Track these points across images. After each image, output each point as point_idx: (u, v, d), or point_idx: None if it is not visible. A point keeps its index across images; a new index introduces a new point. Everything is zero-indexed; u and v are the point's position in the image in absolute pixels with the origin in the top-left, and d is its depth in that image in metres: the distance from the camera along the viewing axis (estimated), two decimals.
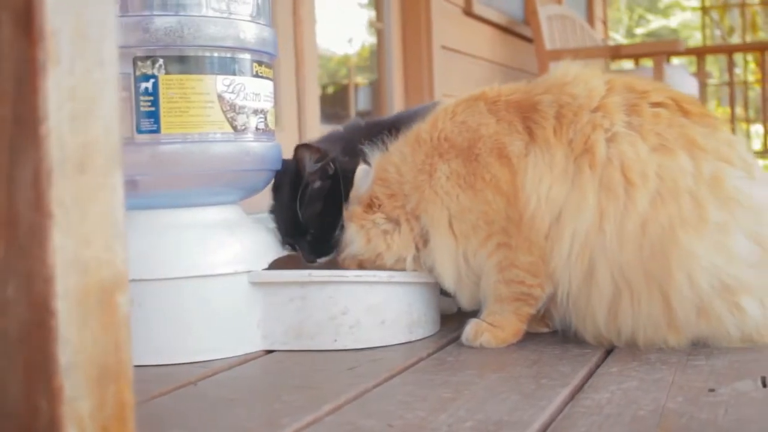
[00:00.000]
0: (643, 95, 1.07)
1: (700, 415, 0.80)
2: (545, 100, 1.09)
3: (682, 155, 1.03)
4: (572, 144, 1.05)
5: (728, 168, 1.03)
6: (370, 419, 0.82)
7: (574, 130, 1.05)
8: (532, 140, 1.07)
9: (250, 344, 1.12)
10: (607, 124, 1.05)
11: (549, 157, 1.05)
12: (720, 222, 1.00)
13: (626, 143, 1.03)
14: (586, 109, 1.06)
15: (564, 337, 1.12)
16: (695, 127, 1.05)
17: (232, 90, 1.10)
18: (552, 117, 1.07)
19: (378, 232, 1.13)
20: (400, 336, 1.15)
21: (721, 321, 1.02)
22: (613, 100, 1.07)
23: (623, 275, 1.01)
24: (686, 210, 1.00)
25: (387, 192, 1.14)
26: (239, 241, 1.13)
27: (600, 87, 1.09)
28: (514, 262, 1.06)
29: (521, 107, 1.10)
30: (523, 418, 0.81)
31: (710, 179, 1.02)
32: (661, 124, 1.05)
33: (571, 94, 1.08)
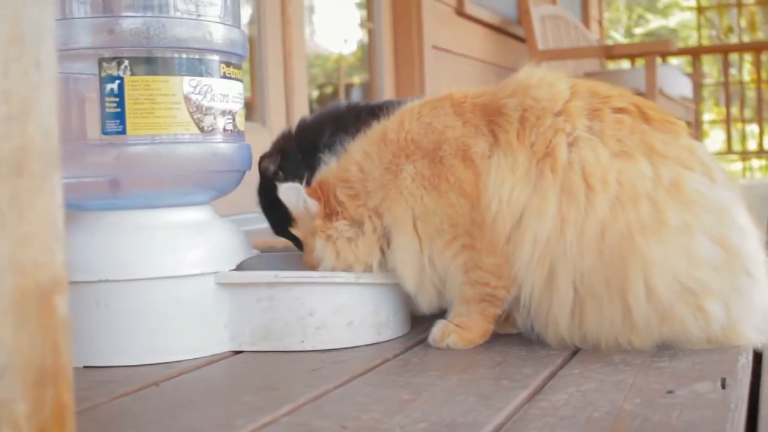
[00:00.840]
0: (606, 100, 1.07)
1: (654, 417, 0.80)
2: (510, 103, 1.09)
3: (642, 161, 1.02)
4: (534, 147, 1.05)
5: (688, 173, 1.03)
6: (325, 420, 0.82)
7: (537, 133, 1.05)
8: (495, 143, 1.07)
9: (217, 345, 1.12)
10: (568, 129, 1.05)
11: (511, 159, 1.05)
12: (681, 225, 1.00)
13: (587, 148, 1.03)
14: (549, 113, 1.06)
15: (531, 338, 1.12)
16: (656, 134, 1.05)
17: (198, 91, 1.10)
18: (516, 120, 1.07)
19: (344, 241, 1.13)
20: (368, 337, 1.15)
21: (684, 325, 1.02)
22: (576, 104, 1.07)
23: (584, 282, 1.01)
24: (645, 215, 1.00)
25: (349, 192, 1.13)
26: (207, 241, 1.13)
27: (564, 91, 1.09)
28: (478, 263, 1.06)
29: (487, 110, 1.10)
30: (478, 419, 0.81)
31: (669, 184, 1.02)
32: (623, 130, 1.04)
33: (534, 97, 1.08)
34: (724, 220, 1.02)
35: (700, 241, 1.00)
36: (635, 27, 14.05)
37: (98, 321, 1.08)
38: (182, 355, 1.10)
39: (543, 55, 4.23)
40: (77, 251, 1.09)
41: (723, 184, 1.05)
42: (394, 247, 1.11)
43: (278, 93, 2.93)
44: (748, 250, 1.04)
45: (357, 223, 1.13)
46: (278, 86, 2.92)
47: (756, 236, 1.08)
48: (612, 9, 14.17)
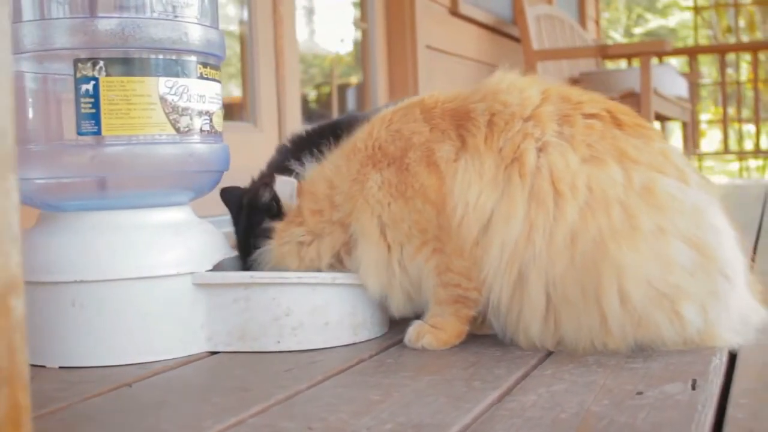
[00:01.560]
0: (577, 106, 1.07)
1: (620, 419, 0.80)
2: (478, 108, 1.09)
3: (613, 166, 1.02)
4: (502, 152, 1.04)
5: (661, 177, 1.02)
6: (291, 421, 0.82)
7: (505, 138, 1.05)
8: (463, 147, 1.07)
9: (194, 346, 1.12)
10: (537, 134, 1.05)
11: (479, 164, 1.05)
12: (654, 230, 1.00)
13: (556, 153, 1.03)
14: (518, 118, 1.06)
15: (505, 340, 1.12)
16: (628, 139, 1.05)
17: (174, 92, 1.10)
18: (483, 125, 1.07)
19: (292, 245, 1.14)
20: (345, 338, 1.15)
21: (660, 330, 1.02)
22: (546, 109, 1.07)
23: (557, 288, 1.01)
24: (617, 221, 0.99)
25: (313, 207, 1.15)
26: (183, 242, 1.13)
27: (534, 96, 1.08)
28: (449, 266, 1.06)
29: (456, 115, 1.10)
30: (445, 420, 0.81)
31: (642, 189, 1.01)
32: (594, 135, 1.04)
33: (503, 102, 1.08)
34: (698, 222, 1.02)
35: (675, 245, 1.00)
36: (634, 27, 14.04)
37: (74, 321, 1.08)
38: (158, 355, 1.10)
39: (538, 55, 4.23)
40: (53, 251, 1.09)
41: (697, 187, 1.05)
42: (357, 254, 1.12)
43: (270, 93, 2.92)
44: (724, 252, 1.04)
45: (314, 234, 1.14)
46: (270, 86, 2.92)
47: (733, 237, 1.07)
48: (611, 9, 14.16)
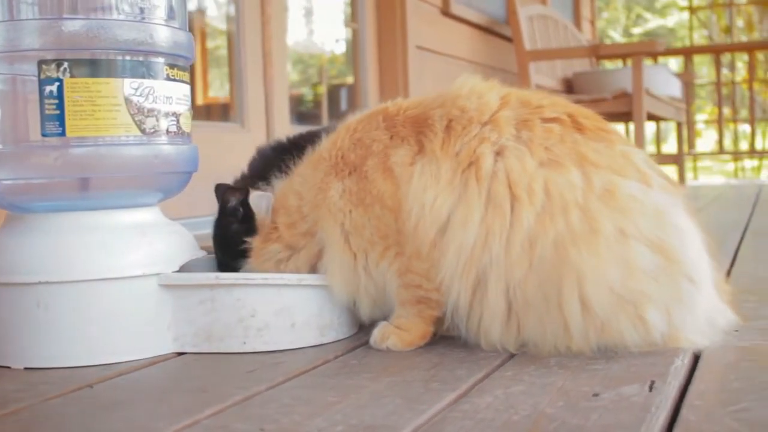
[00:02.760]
0: (536, 110, 1.07)
1: (572, 421, 0.80)
2: (436, 113, 1.09)
3: (572, 170, 1.02)
4: (459, 156, 1.04)
5: (622, 180, 1.02)
6: (245, 423, 0.83)
7: (462, 142, 1.05)
8: (420, 152, 1.07)
9: (160, 346, 1.12)
10: (494, 138, 1.05)
11: (435, 168, 1.05)
12: (615, 233, 0.99)
13: (513, 157, 1.03)
14: (475, 123, 1.06)
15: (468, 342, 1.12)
16: (588, 143, 1.04)
17: (140, 93, 1.10)
18: (441, 130, 1.07)
19: (271, 264, 1.16)
20: (311, 339, 1.15)
21: (623, 335, 1.01)
22: (504, 114, 1.07)
23: (517, 294, 1.01)
24: (576, 225, 0.99)
25: (287, 221, 1.16)
26: (150, 243, 1.13)
27: (493, 101, 1.08)
28: (410, 267, 1.07)
29: (416, 121, 1.10)
30: (397, 422, 0.81)
31: (602, 192, 1.01)
32: (552, 139, 1.04)
33: (461, 107, 1.08)
34: (661, 224, 1.02)
35: (637, 248, 1.00)
36: (633, 27, 14.04)
37: (39, 322, 1.08)
38: (124, 356, 1.10)
39: (530, 55, 4.23)
40: (18, 252, 1.09)
41: (660, 189, 1.05)
42: (324, 261, 1.13)
43: (257, 93, 2.93)
44: (688, 254, 1.03)
45: (291, 248, 1.15)
46: (257, 86, 2.92)
47: (698, 239, 1.07)
48: (610, 9, 14.17)
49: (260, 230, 1.19)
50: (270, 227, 1.17)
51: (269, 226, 1.17)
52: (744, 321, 1.19)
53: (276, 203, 1.18)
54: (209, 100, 3.66)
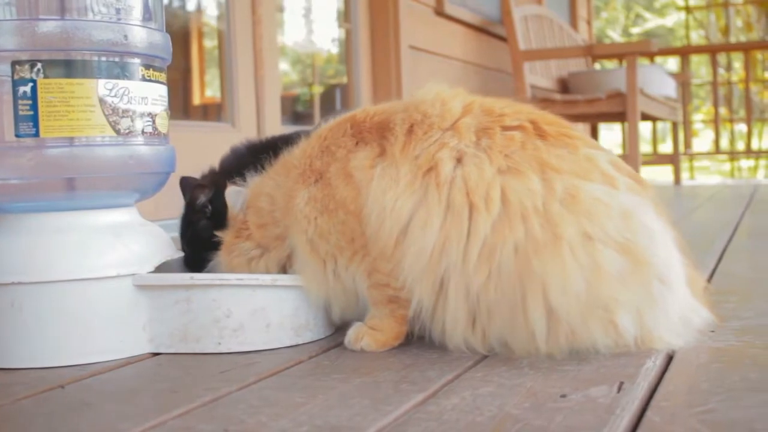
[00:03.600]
0: (498, 118, 1.07)
1: (535, 422, 0.80)
2: (398, 118, 1.09)
3: (532, 177, 1.01)
4: (418, 160, 1.05)
5: (586, 184, 1.02)
6: (210, 424, 0.83)
7: (422, 147, 1.05)
8: (381, 155, 1.08)
9: (136, 347, 1.12)
10: (453, 144, 1.05)
11: (394, 171, 1.05)
12: (579, 237, 0.99)
13: (472, 164, 1.03)
14: (437, 128, 1.07)
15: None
16: (550, 149, 1.04)
17: (114, 94, 1.10)
18: (402, 134, 1.07)
19: (243, 260, 1.16)
20: (287, 339, 1.15)
21: (595, 340, 1.01)
22: (466, 121, 1.07)
23: (480, 302, 1.01)
24: (537, 232, 0.99)
25: (258, 222, 1.16)
26: (125, 244, 1.13)
27: (456, 108, 1.09)
28: (377, 268, 1.07)
29: (381, 127, 1.10)
30: (361, 423, 0.81)
31: (565, 197, 1.00)
32: (512, 147, 1.04)
33: (424, 112, 1.09)
34: (629, 225, 1.01)
35: (604, 251, 0.99)
36: (632, 26, 14.04)
37: (13, 323, 1.08)
38: (100, 356, 1.10)
39: (524, 55, 4.23)
40: None
41: (628, 190, 1.05)
42: (296, 267, 1.14)
43: (248, 93, 2.93)
44: (658, 254, 1.03)
45: (262, 247, 1.15)
46: (248, 86, 2.92)
47: (668, 239, 1.07)
48: (610, 8, 14.16)
49: (232, 225, 1.19)
50: (242, 223, 1.17)
51: (241, 222, 1.17)
52: (721, 321, 1.19)
53: (248, 200, 1.18)
54: (206, 100, 3.67)
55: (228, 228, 1.19)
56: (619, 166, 1.08)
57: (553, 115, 1.13)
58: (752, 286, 1.55)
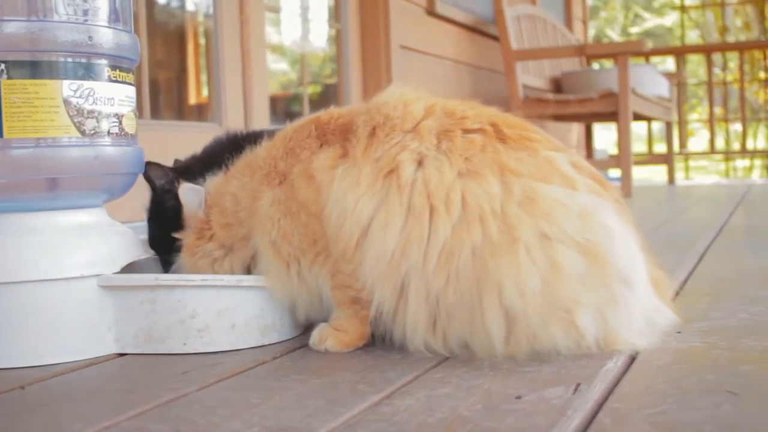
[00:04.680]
0: (459, 121, 1.07)
1: (485, 423, 0.80)
2: (360, 120, 1.10)
3: (491, 180, 1.01)
4: (379, 162, 1.05)
5: (545, 186, 1.02)
6: (163, 425, 0.83)
7: (383, 149, 1.05)
8: (342, 156, 1.08)
9: (101, 347, 1.13)
10: (414, 146, 1.05)
11: (355, 172, 1.05)
12: (537, 239, 0.99)
13: (432, 167, 1.03)
14: (398, 131, 1.07)
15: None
16: (510, 152, 1.04)
17: (79, 95, 1.10)
18: (365, 136, 1.07)
19: (207, 261, 1.16)
20: (252, 340, 1.15)
21: (555, 342, 1.01)
22: (427, 123, 1.07)
23: (440, 305, 1.01)
24: (494, 235, 0.99)
25: (223, 221, 1.16)
26: (90, 244, 1.13)
27: (418, 111, 1.09)
28: (339, 269, 1.07)
29: (344, 129, 1.11)
30: (312, 424, 0.81)
31: (523, 199, 1.00)
32: (473, 150, 1.04)
33: (386, 115, 1.09)
34: (588, 226, 1.01)
35: (563, 252, 0.99)
36: (631, 26, 14.03)
37: None
38: (66, 357, 1.10)
39: (516, 54, 4.23)
40: None
41: (588, 191, 1.04)
42: (260, 269, 1.14)
43: (236, 93, 2.93)
44: (619, 254, 1.03)
45: (226, 248, 1.15)
46: (236, 86, 2.93)
47: (630, 239, 1.06)
48: (609, 8, 14.15)
49: (191, 225, 1.18)
50: (203, 222, 1.17)
51: (202, 221, 1.17)
52: (687, 321, 1.20)
53: (211, 200, 1.18)
54: (202, 100, 3.66)
55: (186, 228, 1.19)
56: (580, 167, 1.08)
57: (515, 117, 1.13)
58: (726, 286, 1.56)
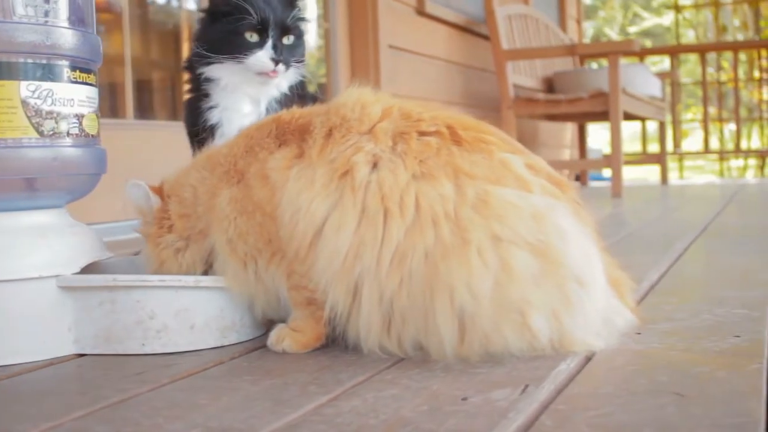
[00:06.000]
0: (415, 123, 1.07)
1: (426, 425, 0.80)
2: (317, 121, 1.10)
3: (444, 183, 1.01)
4: (334, 163, 1.05)
5: (498, 188, 1.02)
6: (106, 426, 0.83)
7: (338, 150, 1.05)
8: (298, 156, 1.08)
9: (61, 348, 1.13)
10: (369, 148, 1.05)
11: (310, 172, 1.05)
12: (490, 242, 0.98)
13: (387, 170, 1.03)
14: (354, 132, 1.07)
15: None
16: (464, 155, 1.04)
17: (38, 96, 1.11)
18: (321, 137, 1.08)
19: (170, 252, 1.17)
20: (212, 340, 1.15)
21: (508, 344, 1.01)
22: (383, 125, 1.07)
23: (393, 307, 1.01)
24: (447, 237, 0.98)
25: (180, 212, 1.17)
26: (49, 245, 1.13)
27: (375, 112, 1.09)
28: (294, 270, 1.07)
29: (302, 129, 1.11)
30: (254, 426, 0.81)
31: (476, 201, 1.00)
32: (428, 153, 1.04)
33: (343, 116, 1.09)
34: (541, 226, 1.01)
35: (514, 252, 0.99)
36: (630, 25, 14.02)
37: None
38: (25, 357, 1.10)
39: (506, 54, 4.23)
40: None
41: (543, 193, 1.04)
42: (217, 267, 1.14)
43: None
44: (572, 255, 1.02)
45: (185, 238, 1.16)
46: None
47: (585, 240, 1.06)
48: (607, 7, 14.14)
49: (148, 220, 1.19)
50: (162, 212, 1.18)
51: (161, 211, 1.18)
52: (649, 321, 1.20)
53: (170, 189, 1.18)
54: None
55: (144, 224, 1.20)
56: (536, 168, 1.08)
57: (472, 119, 1.13)
58: (696, 286, 1.56)
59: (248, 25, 1.51)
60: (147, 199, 1.18)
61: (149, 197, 1.17)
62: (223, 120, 1.56)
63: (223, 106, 1.56)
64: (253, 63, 1.52)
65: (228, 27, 1.51)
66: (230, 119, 1.55)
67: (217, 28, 1.53)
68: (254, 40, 1.52)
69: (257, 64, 1.52)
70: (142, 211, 1.19)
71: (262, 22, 1.52)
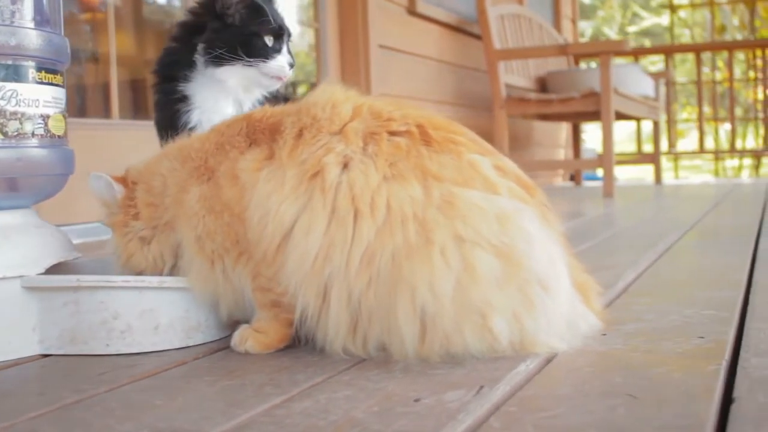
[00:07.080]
0: (386, 123, 1.07)
1: (374, 427, 0.80)
2: (288, 120, 1.10)
3: (414, 184, 1.01)
4: (305, 165, 1.05)
5: (464, 190, 1.02)
6: (57, 427, 0.83)
7: (309, 151, 1.05)
8: (269, 158, 1.08)
9: (25, 348, 1.13)
10: (340, 149, 1.05)
11: (280, 174, 1.05)
12: (452, 242, 0.98)
13: (358, 171, 1.03)
14: (325, 132, 1.07)
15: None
16: (433, 156, 1.04)
17: (2, 96, 1.11)
18: (292, 137, 1.07)
19: (136, 243, 1.16)
20: (176, 341, 1.15)
21: (468, 345, 1.01)
22: (353, 125, 1.07)
23: (361, 308, 1.01)
24: (412, 237, 0.99)
25: (148, 200, 1.16)
26: (13, 246, 1.14)
27: (345, 112, 1.08)
28: (260, 272, 1.08)
29: (273, 128, 1.11)
30: (203, 427, 0.82)
31: (441, 203, 1.00)
32: (398, 154, 1.04)
33: (314, 116, 1.09)
34: (505, 228, 1.01)
35: (477, 254, 0.99)
36: (629, 25, 14.01)
37: None
38: None
39: (498, 54, 4.23)
40: None
41: (510, 195, 1.04)
42: (182, 264, 1.14)
43: None
44: (537, 258, 1.02)
45: (151, 228, 1.15)
46: None
47: (551, 243, 1.06)
48: (606, 7, 14.14)
49: (114, 210, 1.19)
50: (127, 199, 1.17)
51: (126, 198, 1.17)
52: (617, 323, 1.20)
53: (138, 176, 1.18)
54: None
55: (110, 214, 1.20)
56: (505, 170, 1.08)
57: (442, 118, 1.13)
58: (670, 287, 1.56)
59: (268, 29, 1.53)
60: (110, 189, 1.17)
61: (112, 187, 1.17)
62: (203, 121, 1.56)
63: (205, 108, 1.56)
64: (274, 67, 1.54)
65: (247, 30, 1.53)
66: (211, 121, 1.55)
67: (234, 30, 1.53)
68: (271, 44, 1.54)
69: (277, 67, 1.54)
70: (106, 202, 1.19)
71: (280, 28, 1.54)
